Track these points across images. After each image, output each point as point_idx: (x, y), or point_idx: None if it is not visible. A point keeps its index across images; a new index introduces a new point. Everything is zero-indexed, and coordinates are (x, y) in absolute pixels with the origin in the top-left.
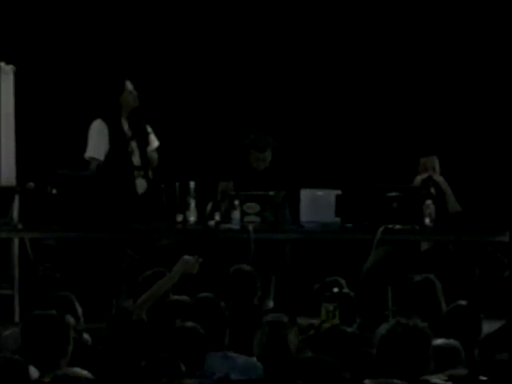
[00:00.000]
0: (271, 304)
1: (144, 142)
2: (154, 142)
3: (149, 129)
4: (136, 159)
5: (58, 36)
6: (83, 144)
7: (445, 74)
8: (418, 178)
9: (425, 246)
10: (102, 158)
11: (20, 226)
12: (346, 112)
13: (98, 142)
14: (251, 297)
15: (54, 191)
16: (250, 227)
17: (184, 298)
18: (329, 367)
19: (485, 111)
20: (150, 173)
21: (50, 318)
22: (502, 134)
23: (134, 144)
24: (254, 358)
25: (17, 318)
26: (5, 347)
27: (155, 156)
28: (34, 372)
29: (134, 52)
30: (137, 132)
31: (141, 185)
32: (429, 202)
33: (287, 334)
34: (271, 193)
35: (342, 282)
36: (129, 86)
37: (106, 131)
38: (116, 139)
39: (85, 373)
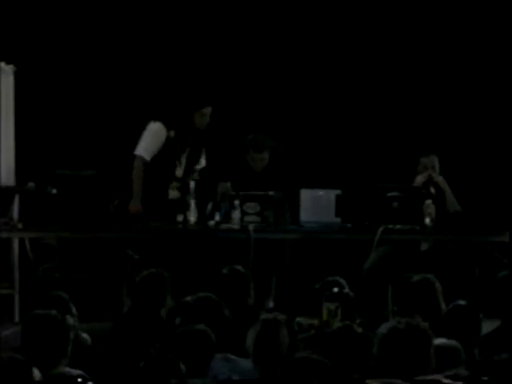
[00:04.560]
0: (271, 304)
1: (194, 161)
2: (202, 163)
3: (203, 152)
4: (179, 172)
5: (58, 36)
6: (83, 144)
7: (444, 74)
8: (419, 178)
9: (425, 246)
10: (148, 159)
11: (20, 226)
12: (345, 112)
13: (151, 143)
14: (244, 297)
15: (54, 191)
16: (250, 227)
17: (184, 297)
18: (323, 366)
19: (484, 111)
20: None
21: (50, 318)
22: (501, 134)
23: (183, 159)
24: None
25: (17, 318)
26: (5, 347)
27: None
28: (34, 372)
29: (134, 52)
30: (192, 151)
31: (173, 195)
32: (429, 201)
33: (279, 331)
34: (271, 193)
35: (343, 281)
36: (207, 110)
37: (163, 138)
38: (169, 148)
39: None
